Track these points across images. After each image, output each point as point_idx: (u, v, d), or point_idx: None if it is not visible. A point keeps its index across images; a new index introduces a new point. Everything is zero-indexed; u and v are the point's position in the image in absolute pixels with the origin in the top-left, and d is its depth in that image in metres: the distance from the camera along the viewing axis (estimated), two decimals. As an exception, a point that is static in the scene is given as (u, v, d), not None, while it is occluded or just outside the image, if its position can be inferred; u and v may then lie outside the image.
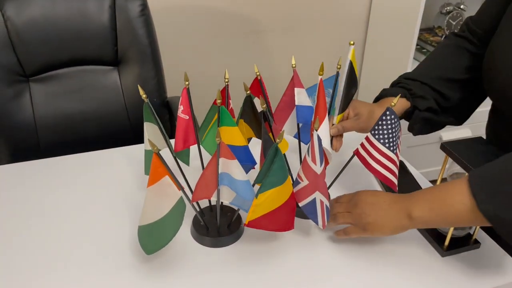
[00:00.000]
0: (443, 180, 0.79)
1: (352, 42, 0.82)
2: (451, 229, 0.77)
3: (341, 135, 0.88)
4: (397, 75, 0.96)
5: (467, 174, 0.65)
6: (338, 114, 0.86)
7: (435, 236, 0.81)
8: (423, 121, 0.91)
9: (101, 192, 0.93)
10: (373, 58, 2.06)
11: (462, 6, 1.89)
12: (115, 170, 1.01)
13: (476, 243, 0.80)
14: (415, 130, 0.92)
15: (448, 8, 1.89)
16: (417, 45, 1.95)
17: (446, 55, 0.94)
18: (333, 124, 0.87)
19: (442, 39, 1.94)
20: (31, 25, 1.20)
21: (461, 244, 0.80)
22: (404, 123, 0.91)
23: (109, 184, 0.96)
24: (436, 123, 0.92)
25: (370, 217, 0.72)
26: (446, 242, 0.78)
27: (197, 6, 1.74)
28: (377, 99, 0.94)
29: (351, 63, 0.83)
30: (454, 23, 1.91)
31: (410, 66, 1.81)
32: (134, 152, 1.07)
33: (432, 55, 0.97)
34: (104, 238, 0.81)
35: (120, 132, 1.33)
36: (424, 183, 0.97)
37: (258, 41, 1.90)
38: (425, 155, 2.00)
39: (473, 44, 0.90)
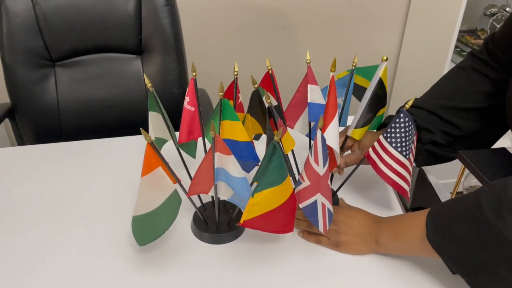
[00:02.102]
0: (459, 193, 0.74)
1: (385, 58, 0.75)
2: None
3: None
4: (434, 77, 0.89)
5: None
6: (356, 128, 0.81)
7: (447, 251, 0.75)
8: (426, 154, 0.83)
9: (113, 178, 0.94)
10: (409, 59, 1.98)
11: (507, 9, 1.78)
12: (131, 157, 1.01)
13: (492, 262, 0.74)
14: (418, 161, 0.85)
15: (492, 9, 1.78)
16: (456, 47, 1.86)
17: (460, 80, 0.84)
18: (347, 136, 0.82)
19: (485, 42, 1.83)
20: (58, 10, 1.21)
21: (475, 261, 0.74)
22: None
23: (123, 171, 0.96)
24: (442, 156, 0.84)
25: (344, 236, 0.75)
26: (459, 259, 0.73)
27: (227, -2, 1.72)
28: (382, 126, 0.88)
29: (380, 80, 0.77)
30: (498, 25, 1.79)
31: (447, 68, 1.72)
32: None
33: (445, 79, 0.88)
34: (107, 225, 0.81)
35: (140, 120, 1.33)
36: (444, 194, 0.91)
37: (287, 36, 1.86)
38: (450, 165, 1.91)
39: (494, 69, 0.79)
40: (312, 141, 0.86)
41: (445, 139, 0.81)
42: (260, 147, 0.74)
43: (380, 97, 0.80)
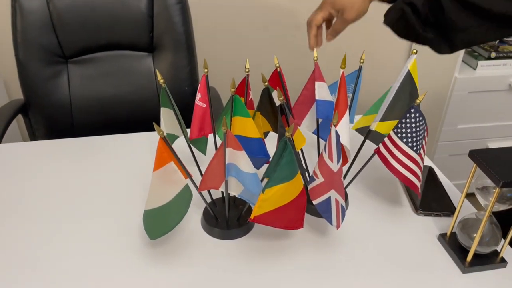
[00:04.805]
0: (470, 194, 0.73)
1: (414, 51, 0.76)
2: (475, 243, 0.71)
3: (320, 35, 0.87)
4: (444, 77, 0.88)
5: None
6: (381, 121, 0.79)
7: (457, 250, 0.75)
8: (400, 13, 0.77)
9: (124, 173, 0.95)
10: (420, 58, 1.96)
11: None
12: (142, 153, 1.03)
13: (503, 262, 0.74)
14: (388, 18, 0.80)
15: (505, 9, 1.76)
16: (468, 47, 1.84)
17: None
18: (369, 130, 0.80)
19: (497, 43, 1.81)
20: (71, 8, 1.23)
21: (485, 261, 0.74)
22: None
23: (133, 167, 0.98)
24: (413, 28, 0.77)
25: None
26: (469, 258, 0.73)
27: (238, -3, 1.72)
28: None
29: (409, 73, 0.78)
30: (511, 25, 1.78)
31: (457, 69, 1.71)
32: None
33: None
34: (118, 219, 0.82)
35: (151, 117, 1.33)
36: (454, 194, 0.91)
37: (299, 35, 1.86)
38: (462, 166, 1.90)
39: None
40: (320, 138, 0.86)
41: (425, 11, 0.74)
42: (269, 145, 0.74)
43: (407, 89, 0.78)
